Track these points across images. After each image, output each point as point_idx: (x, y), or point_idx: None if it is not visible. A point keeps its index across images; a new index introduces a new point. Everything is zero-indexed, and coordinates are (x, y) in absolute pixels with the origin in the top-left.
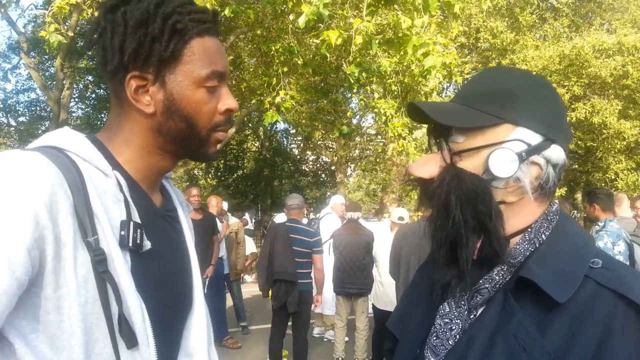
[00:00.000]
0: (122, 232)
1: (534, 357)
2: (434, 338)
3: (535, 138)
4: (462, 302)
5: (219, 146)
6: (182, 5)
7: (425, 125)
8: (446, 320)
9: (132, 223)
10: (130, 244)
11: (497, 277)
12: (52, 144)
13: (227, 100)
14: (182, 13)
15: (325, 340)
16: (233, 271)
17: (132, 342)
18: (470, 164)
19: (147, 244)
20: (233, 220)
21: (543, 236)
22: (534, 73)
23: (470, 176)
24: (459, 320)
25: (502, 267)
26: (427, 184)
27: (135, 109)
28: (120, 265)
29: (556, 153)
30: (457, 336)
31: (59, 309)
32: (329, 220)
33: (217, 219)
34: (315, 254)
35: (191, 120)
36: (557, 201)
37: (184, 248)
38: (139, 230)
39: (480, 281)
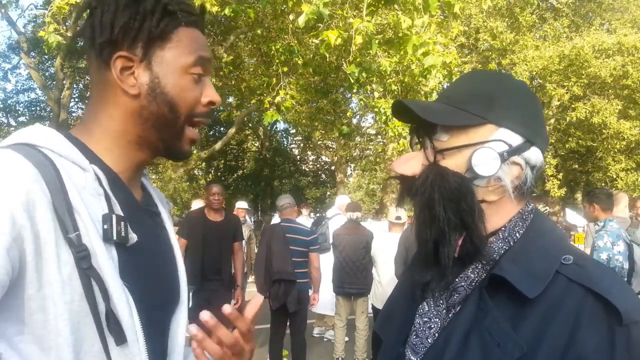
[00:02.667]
0: (105, 226)
1: (507, 352)
2: (414, 337)
3: (516, 139)
4: (441, 301)
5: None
6: None
7: None
8: (425, 319)
9: (114, 216)
10: (115, 237)
11: (472, 275)
12: (25, 140)
13: (210, 92)
14: (173, 1)
15: (325, 340)
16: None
17: (120, 338)
18: (453, 163)
19: (134, 237)
20: None
21: (517, 235)
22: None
23: (454, 174)
24: (437, 319)
25: (477, 265)
26: (409, 181)
27: (118, 91)
28: (104, 260)
29: (535, 155)
30: (436, 334)
31: (43, 309)
32: (339, 221)
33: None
34: (312, 252)
35: (174, 105)
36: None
37: (168, 242)
38: (122, 223)
39: (457, 279)
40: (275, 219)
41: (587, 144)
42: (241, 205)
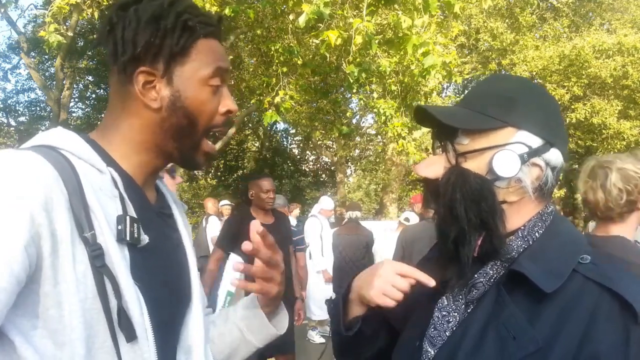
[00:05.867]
0: (119, 227)
1: (523, 345)
2: (432, 329)
3: (536, 141)
4: (460, 296)
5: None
6: (192, 7)
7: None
8: (444, 313)
9: (128, 217)
10: (128, 238)
11: (491, 272)
12: (46, 142)
13: (228, 102)
14: (193, 14)
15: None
16: None
17: (131, 335)
18: (474, 165)
19: (145, 238)
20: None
21: (536, 234)
22: (534, 80)
23: (475, 176)
24: (456, 313)
25: (496, 262)
26: (432, 183)
27: (140, 104)
28: (118, 260)
29: (555, 156)
30: (454, 328)
31: (59, 305)
32: (312, 224)
33: (215, 217)
34: (297, 252)
35: (194, 117)
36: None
37: (180, 244)
38: (135, 225)
39: (476, 275)
40: None
41: (587, 144)
42: (225, 203)
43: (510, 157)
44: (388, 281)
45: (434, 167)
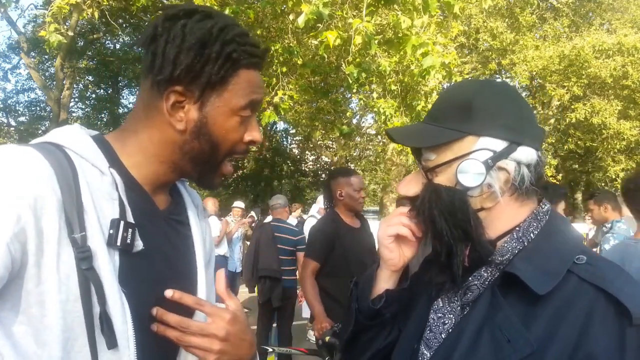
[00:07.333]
0: (111, 231)
1: (517, 349)
2: (428, 332)
3: (499, 144)
4: (455, 299)
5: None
6: (241, 36)
7: None
8: (439, 314)
9: (122, 222)
10: (119, 244)
11: (485, 274)
12: (52, 140)
13: (254, 132)
14: (239, 43)
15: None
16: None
17: (112, 342)
18: (444, 178)
19: (139, 245)
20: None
21: (532, 235)
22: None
23: (446, 189)
24: (451, 315)
25: (491, 264)
26: (415, 200)
27: (164, 121)
28: (105, 264)
29: (525, 154)
30: (450, 330)
31: (41, 304)
32: (312, 224)
33: (215, 217)
34: (299, 251)
35: (216, 145)
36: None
37: (187, 253)
38: (130, 230)
39: (470, 278)
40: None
41: (587, 144)
42: (238, 205)
43: (473, 166)
44: (395, 214)
45: (412, 185)
